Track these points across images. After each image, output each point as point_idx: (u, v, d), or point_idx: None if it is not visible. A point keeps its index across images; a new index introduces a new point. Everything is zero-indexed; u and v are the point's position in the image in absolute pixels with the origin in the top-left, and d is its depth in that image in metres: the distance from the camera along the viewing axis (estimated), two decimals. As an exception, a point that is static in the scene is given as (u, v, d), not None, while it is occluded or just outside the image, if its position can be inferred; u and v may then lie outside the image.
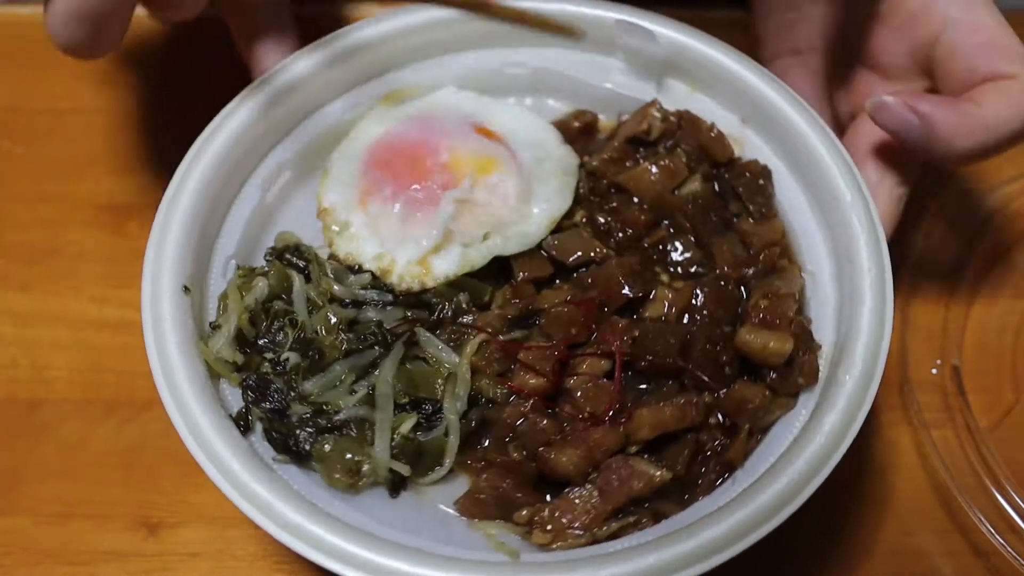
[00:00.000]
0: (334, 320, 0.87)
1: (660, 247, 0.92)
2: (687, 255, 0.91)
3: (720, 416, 0.83)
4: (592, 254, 0.91)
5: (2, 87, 1.24)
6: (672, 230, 0.93)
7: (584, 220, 0.95)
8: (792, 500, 0.74)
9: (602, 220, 0.94)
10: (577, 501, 0.80)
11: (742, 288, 0.89)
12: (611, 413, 0.81)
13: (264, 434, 0.84)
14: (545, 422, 0.83)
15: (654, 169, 0.94)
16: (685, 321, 0.87)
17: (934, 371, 1.01)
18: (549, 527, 0.79)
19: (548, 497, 0.83)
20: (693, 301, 0.87)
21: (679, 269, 0.91)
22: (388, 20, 1.00)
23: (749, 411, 0.81)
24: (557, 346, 0.85)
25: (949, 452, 0.96)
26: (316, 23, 1.29)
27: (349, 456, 0.82)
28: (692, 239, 0.92)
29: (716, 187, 0.96)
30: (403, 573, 0.73)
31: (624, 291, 0.87)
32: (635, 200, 0.95)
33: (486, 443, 0.85)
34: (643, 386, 0.85)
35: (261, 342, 0.87)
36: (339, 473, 0.82)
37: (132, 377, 1.04)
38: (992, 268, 1.09)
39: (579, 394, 0.83)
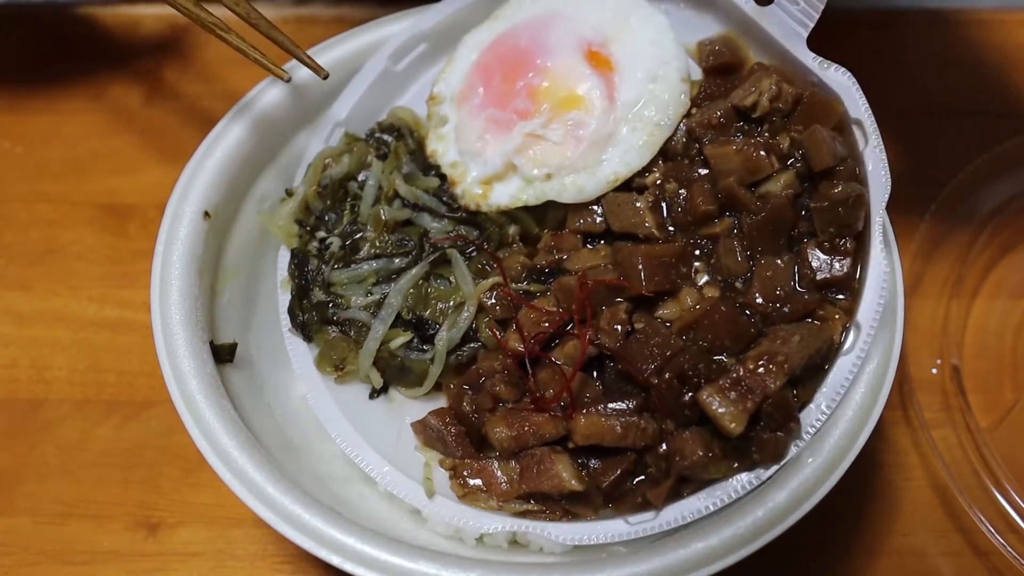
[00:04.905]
0: (384, 217, 0.88)
1: (712, 243, 0.83)
2: (736, 262, 0.81)
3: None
4: (637, 230, 0.85)
5: (2, 87, 1.24)
6: (735, 229, 0.83)
7: (657, 183, 0.86)
8: None
9: (671, 189, 0.86)
10: (498, 472, 0.80)
11: (765, 323, 0.79)
12: (561, 404, 0.79)
13: (288, 304, 0.89)
14: (503, 387, 0.81)
15: (735, 152, 0.82)
16: (686, 338, 0.80)
17: (934, 371, 1.01)
18: (463, 483, 0.80)
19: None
20: (706, 320, 0.78)
21: (718, 276, 0.82)
22: None
23: (677, 463, 0.76)
24: (553, 315, 0.83)
25: (949, 452, 0.96)
26: (316, 23, 1.30)
27: (334, 355, 0.87)
28: (745, 246, 0.81)
29: (805, 192, 0.82)
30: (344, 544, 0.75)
31: (641, 284, 0.80)
32: (712, 181, 0.84)
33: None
34: (617, 386, 0.81)
35: (316, 220, 0.90)
36: (327, 363, 0.87)
37: (132, 377, 1.04)
38: (992, 268, 1.09)
39: (543, 373, 0.81)
